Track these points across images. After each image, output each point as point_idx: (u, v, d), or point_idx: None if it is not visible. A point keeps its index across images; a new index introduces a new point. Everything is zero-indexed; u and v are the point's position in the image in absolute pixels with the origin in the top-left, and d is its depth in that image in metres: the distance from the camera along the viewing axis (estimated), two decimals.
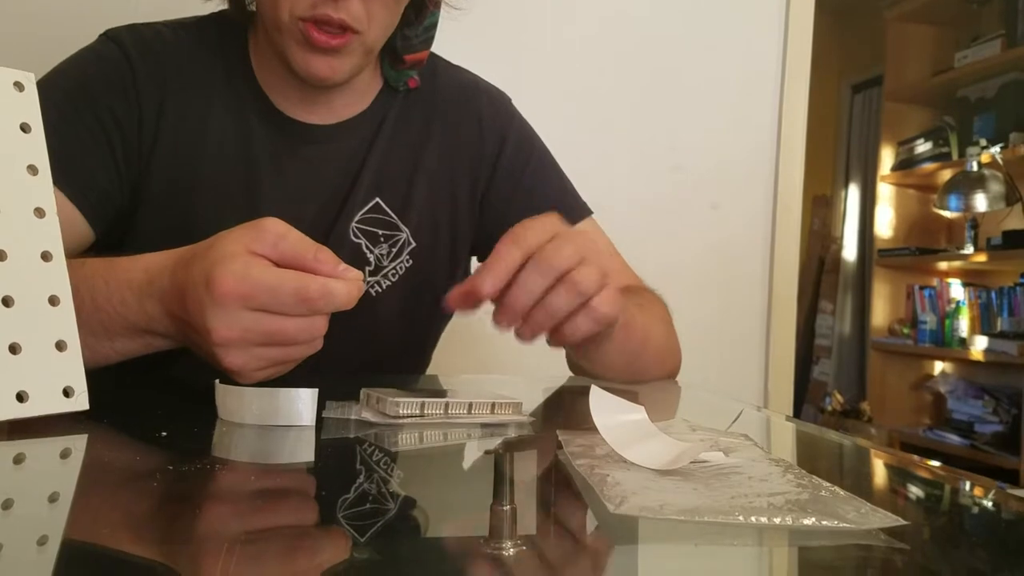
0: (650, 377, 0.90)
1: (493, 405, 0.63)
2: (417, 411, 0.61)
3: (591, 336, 0.72)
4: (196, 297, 0.61)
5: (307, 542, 0.38)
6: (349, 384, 0.68)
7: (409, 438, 0.60)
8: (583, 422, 0.53)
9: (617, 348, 0.81)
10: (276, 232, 0.62)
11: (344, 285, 0.61)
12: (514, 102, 1.07)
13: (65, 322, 0.58)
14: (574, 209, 1.02)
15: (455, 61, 1.07)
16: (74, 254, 0.78)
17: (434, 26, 0.98)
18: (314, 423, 0.59)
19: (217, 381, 0.61)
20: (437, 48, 1.02)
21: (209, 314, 0.60)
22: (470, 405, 0.63)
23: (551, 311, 0.68)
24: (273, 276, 0.60)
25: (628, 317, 0.80)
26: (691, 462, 0.47)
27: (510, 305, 0.67)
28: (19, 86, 0.59)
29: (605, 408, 0.51)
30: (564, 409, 0.79)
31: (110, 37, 0.92)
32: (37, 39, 1.42)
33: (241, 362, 0.62)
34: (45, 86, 0.87)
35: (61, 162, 0.82)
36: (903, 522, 0.38)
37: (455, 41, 1.10)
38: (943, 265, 4.00)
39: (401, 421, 0.61)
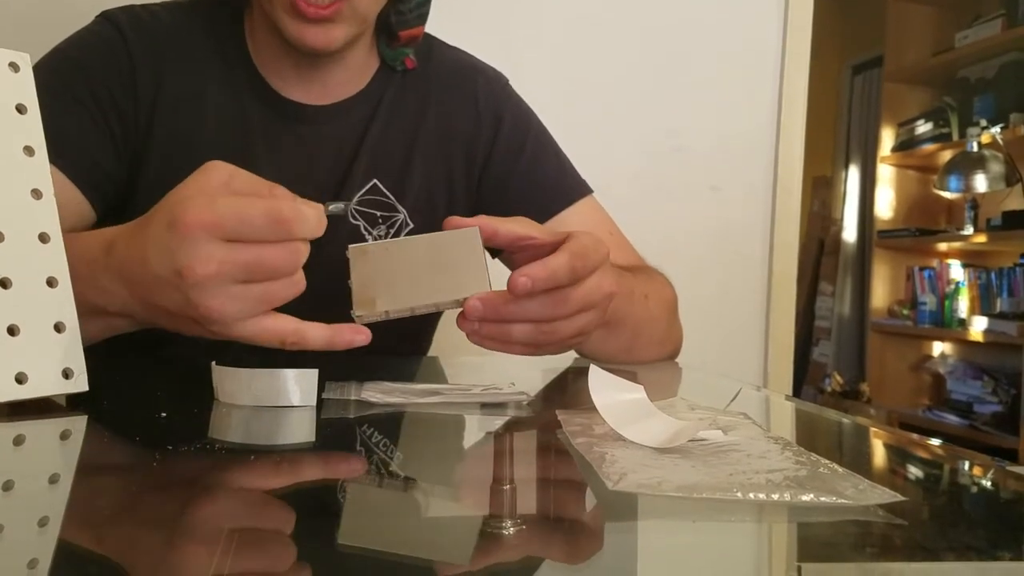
0: (646, 360, 0.91)
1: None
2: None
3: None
4: (160, 243, 0.57)
5: (307, 523, 0.38)
6: (348, 365, 0.68)
7: (409, 419, 0.60)
8: (582, 402, 0.53)
9: (605, 344, 0.82)
10: (227, 170, 0.59)
11: (312, 209, 0.57)
12: (513, 84, 1.07)
13: (63, 303, 0.58)
14: (573, 188, 1.02)
15: (451, 41, 1.06)
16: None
17: (427, 1, 0.97)
18: (314, 404, 0.59)
19: (214, 363, 0.61)
20: (434, 30, 1.02)
21: (179, 254, 0.55)
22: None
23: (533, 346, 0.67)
24: (240, 201, 0.56)
25: (618, 315, 0.80)
26: (689, 440, 0.47)
27: (513, 334, 0.65)
28: (14, 67, 0.59)
29: (604, 388, 0.52)
30: (564, 389, 0.79)
31: (107, 18, 0.92)
32: (34, 21, 1.42)
33: (219, 305, 0.56)
34: (43, 68, 0.88)
35: (61, 143, 0.82)
36: (901, 498, 0.38)
37: (452, 22, 1.10)
38: (943, 246, 4.00)
39: (401, 401, 0.61)
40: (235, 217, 0.55)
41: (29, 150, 0.59)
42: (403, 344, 1.02)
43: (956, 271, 3.93)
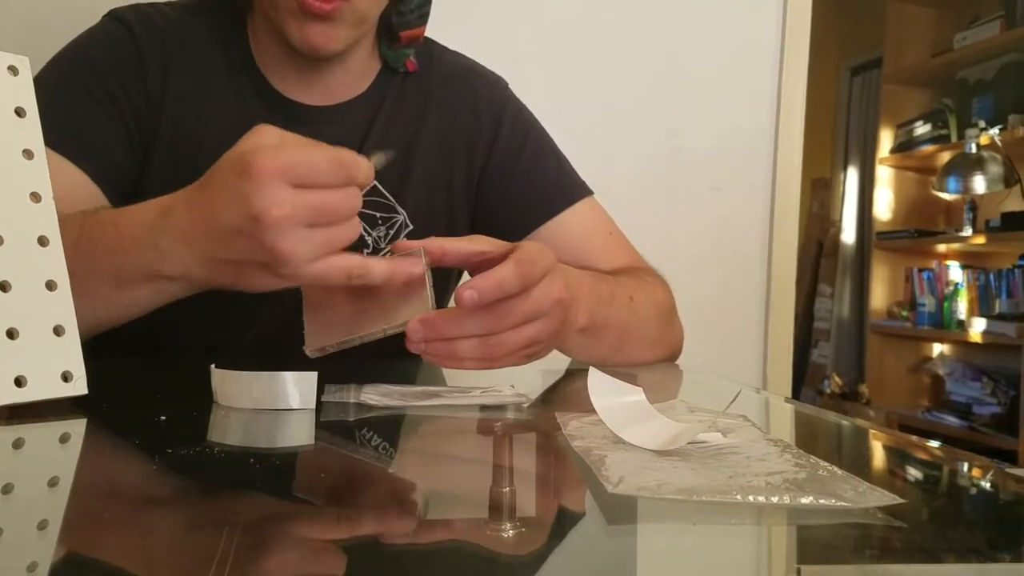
0: (640, 363, 0.90)
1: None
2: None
3: None
4: (231, 194, 0.60)
5: (306, 526, 0.38)
6: (348, 368, 0.68)
7: (408, 421, 0.61)
8: (582, 404, 0.53)
9: (590, 350, 0.82)
10: (277, 131, 0.62)
11: (364, 162, 0.61)
12: (512, 85, 1.07)
13: (63, 307, 0.58)
14: (573, 189, 1.02)
15: (452, 44, 1.06)
16: None
17: (428, 1, 0.98)
18: (313, 407, 0.59)
19: (213, 366, 0.61)
20: (434, 33, 1.02)
21: (254, 198, 0.58)
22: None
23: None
24: (307, 149, 0.60)
25: (599, 320, 0.80)
26: (689, 443, 0.47)
27: (460, 351, 0.64)
28: (13, 70, 0.59)
29: (604, 390, 0.52)
30: (563, 391, 0.79)
31: (114, 17, 0.94)
32: (40, 22, 1.42)
33: (291, 246, 0.59)
34: (55, 66, 0.89)
35: (78, 140, 0.84)
36: (900, 500, 0.38)
37: (453, 23, 1.10)
38: (942, 247, 4.00)
39: (400, 404, 0.61)
40: (304, 163, 0.59)
41: (28, 153, 0.59)
42: (403, 346, 1.02)
43: (955, 272, 3.93)
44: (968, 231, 3.73)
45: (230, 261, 0.63)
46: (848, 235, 4.67)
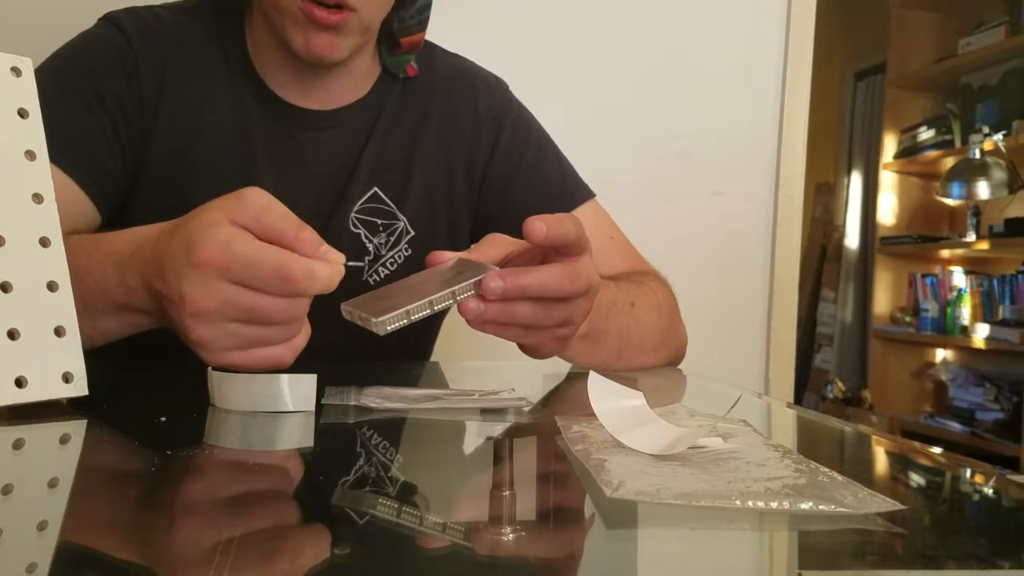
0: (642, 367, 0.90)
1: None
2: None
3: None
4: (175, 265, 0.59)
5: (306, 528, 0.38)
6: (348, 370, 0.68)
7: (408, 424, 0.60)
8: (582, 408, 0.53)
9: (591, 357, 0.82)
10: (259, 204, 0.59)
11: (326, 268, 0.58)
12: (514, 88, 1.07)
13: (64, 308, 0.58)
14: (575, 192, 1.02)
15: (453, 47, 1.06)
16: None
17: (428, 7, 0.98)
18: (312, 409, 0.59)
19: (211, 368, 0.61)
20: (435, 37, 1.02)
21: (186, 282, 0.58)
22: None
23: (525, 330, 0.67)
24: (255, 250, 0.57)
25: (599, 327, 0.80)
26: (689, 447, 0.47)
27: (509, 313, 0.64)
28: (16, 71, 0.59)
29: (604, 394, 0.51)
30: (563, 395, 0.79)
31: (110, 20, 0.93)
32: (37, 24, 1.42)
33: (211, 336, 0.59)
34: (47, 70, 0.88)
35: (66, 145, 0.83)
36: (900, 506, 0.38)
37: (453, 27, 1.10)
38: (945, 253, 4.00)
39: (401, 407, 0.61)
40: (246, 266, 0.57)
41: (31, 154, 0.59)
42: (404, 350, 1.02)
43: (958, 278, 3.92)
44: (972, 237, 3.73)
45: (172, 318, 0.63)
46: (851, 240, 4.66)
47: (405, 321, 0.59)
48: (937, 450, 0.59)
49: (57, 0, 1.41)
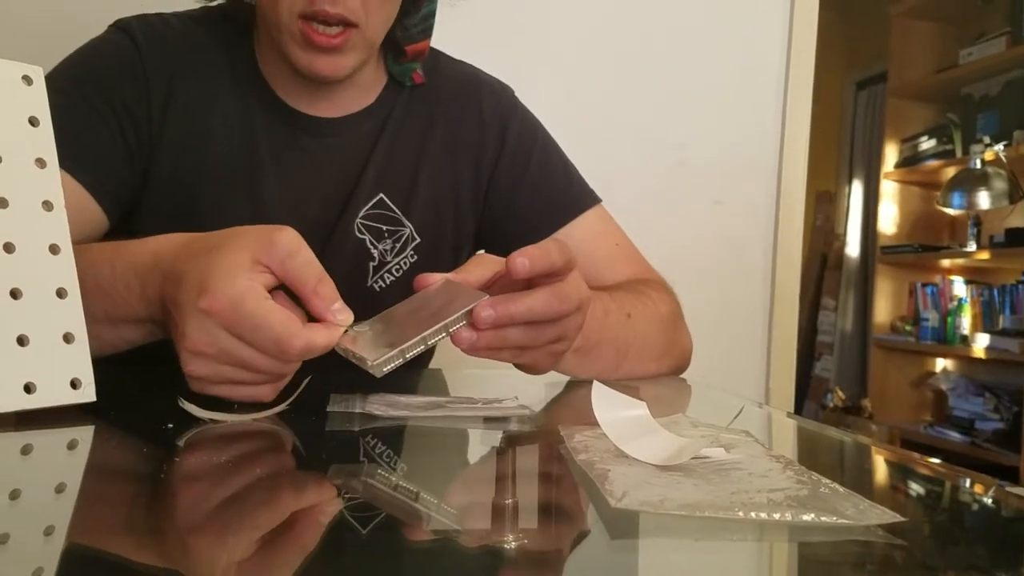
0: (643, 377, 0.90)
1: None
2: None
3: None
4: (187, 298, 0.60)
5: (311, 534, 0.39)
6: (353, 378, 0.68)
7: (412, 432, 0.61)
8: (585, 417, 0.53)
9: (587, 371, 0.83)
10: (288, 248, 0.60)
11: (326, 336, 0.59)
12: (517, 95, 1.07)
13: (73, 314, 0.59)
14: (580, 198, 1.02)
15: (457, 55, 1.07)
16: (89, 242, 0.79)
17: (432, 14, 0.98)
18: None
19: (181, 398, 0.60)
20: (439, 44, 1.02)
21: (192, 322, 0.59)
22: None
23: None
24: (264, 313, 0.58)
25: (593, 339, 0.80)
26: (692, 458, 0.47)
27: (501, 338, 0.64)
28: (27, 80, 0.60)
29: (607, 404, 0.52)
30: (566, 404, 0.79)
31: (120, 27, 0.93)
32: (46, 32, 1.43)
33: (202, 373, 0.61)
34: (57, 77, 0.89)
35: (76, 151, 0.83)
36: (901, 518, 0.39)
37: (457, 35, 1.10)
38: (946, 262, 4.00)
39: (405, 414, 0.61)
40: (249, 328, 0.58)
41: (41, 162, 0.59)
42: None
43: (959, 288, 3.93)
44: (972, 246, 3.73)
45: (172, 337, 0.65)
46: (852, 249, 4.67)
47: (400, 361, 0.60)
48: (936, 461, 0.59)
49: (68, 7, 1.43)
